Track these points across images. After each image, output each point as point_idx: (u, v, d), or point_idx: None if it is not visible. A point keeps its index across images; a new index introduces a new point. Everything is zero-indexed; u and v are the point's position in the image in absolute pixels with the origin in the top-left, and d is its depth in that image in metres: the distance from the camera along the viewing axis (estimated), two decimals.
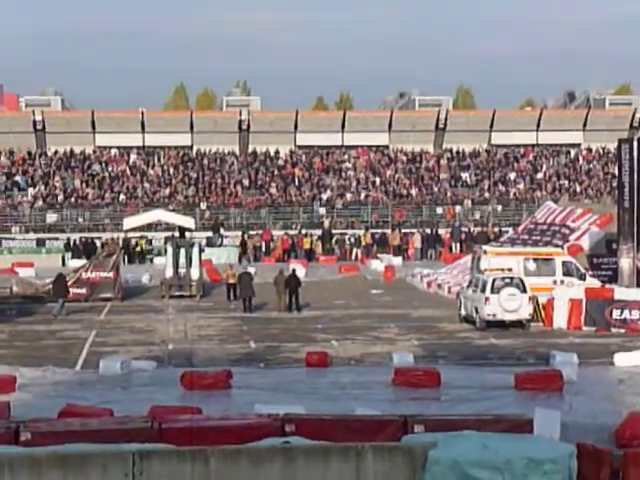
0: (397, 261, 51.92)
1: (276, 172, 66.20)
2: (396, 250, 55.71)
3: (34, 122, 67.98)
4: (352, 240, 57.66)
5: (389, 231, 58.56)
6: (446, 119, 69.73)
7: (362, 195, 64.02)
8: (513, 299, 31.03)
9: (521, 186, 65.78)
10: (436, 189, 65.15)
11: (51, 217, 60.23)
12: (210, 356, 27.23)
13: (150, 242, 56.01)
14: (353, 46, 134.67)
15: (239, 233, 57.38)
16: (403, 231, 58.25)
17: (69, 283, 39.10)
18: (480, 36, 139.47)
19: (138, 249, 55.61)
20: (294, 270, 37.74)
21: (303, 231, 58.17)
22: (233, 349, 28.44)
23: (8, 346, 29.16)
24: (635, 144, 32.79)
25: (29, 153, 66.83)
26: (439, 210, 62.53)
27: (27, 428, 16.11)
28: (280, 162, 67.38)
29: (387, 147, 69.29)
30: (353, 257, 56.15)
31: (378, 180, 65.75)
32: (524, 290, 31.27)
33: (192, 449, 14.91)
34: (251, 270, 38.70)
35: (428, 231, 58.01)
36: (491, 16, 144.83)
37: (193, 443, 15.59)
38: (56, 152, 66.87)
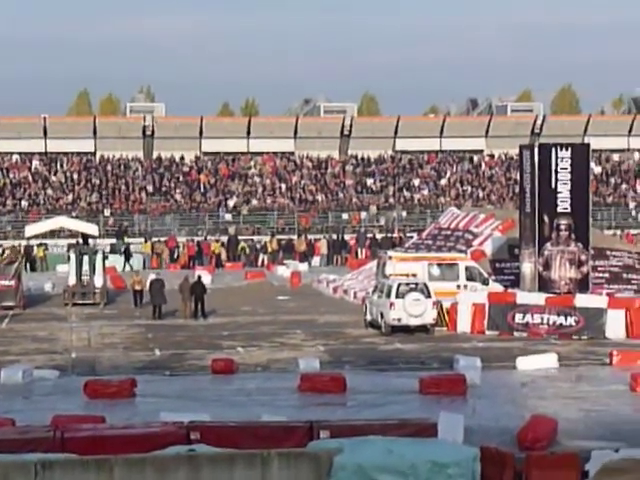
0: (303, 267, 52.02)
1: (181, 178, 65.83)
2: (302, 256, 55.81)
3: None
4: (258, 246, 57.59)
5: (295, 237, 58.66)
6: (351, 125, 70.10)
7: (268, 201, 64.03)
8: (418, 304, 31.33)
9: (425, 192, 66.51)
10: (342, 195, 65.49)
11: None
12: (114, 364, 26.96)
13: (46, 248, 55.01)
14: (258, 52, 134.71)
15: (142, 240, 56.87)
16: (309, 237, 58.40)
17: None
18: (384, 43, 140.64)
19: (40, 255, 54.70)
20: (199, 277, 37.52)
21: (209, 237, 57.91)
22: (138, 357, 28.17)
23: None
24: (536, 150, 33.39)
25: None
26: (345, 216, 62.86)
27: None
28: (185, 168, 67.01)
29: (293, 153, 69.39)
30: (259, 263, 56.07)
31: (284, 186, 65.83)
32: (428, 295, 31.60)
33: (96, 458, 14.76)
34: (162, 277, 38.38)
35: (334, 237, 58.27)
36: (396, 23, 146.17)
37: (97, 452, 15.40)
38: None
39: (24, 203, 61.41)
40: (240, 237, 58.22)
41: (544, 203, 32.81)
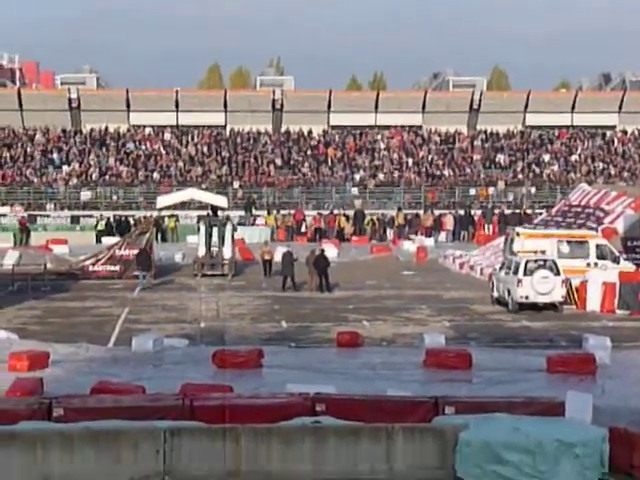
0: (429, 242, 51.71)
1: (309, 152, 66.08)
2: (428, 231, 55.49)
3: (69, 100, 68.20)
4: (385, 221, 57.48)
5: (422, 212, 58.33)
6: (480, 100, 69.25)
7: (395, 175, 63.79)
8: (546, 282, 30.81)
9: (555, 168, 65.27)
10: (469, 170, 64.80)
11: (85, 195, 60.46)
12: (242, 335, 27.27)
13: (177, 219, 55.92)
14: (387, 26, 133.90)
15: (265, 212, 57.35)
16: (436, 212, 58.01)
17: (102, 261, 39.35)
18: (515, 17, 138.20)
19: (171, 226, 55.70)
20: (322, 250, 37.66)
21: (336, 211, 58.06)
22: (265, 328, 28.45)
23: (42, 322, 29.36)
24: None
25: (64, 131, 67.09)
26: (472, 191, 62.17)
27: (60, 404, 16.20)
28: (313, 142, 67.23)
29: (420, 127, 68.95)
30: (386, 238, 55.94)
31: (411, 161, 65.47)
32: (557, 273, 31.04)
33: (223, 427, 14.95)
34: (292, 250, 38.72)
35: (461, 212, 57.74)
36: None
37: (224, 421, 15.62)
38: (91, 130, 67.09)
39: (156, 175, 62.55)
40: (366, 211, 58.20)
41: None
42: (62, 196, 60.43)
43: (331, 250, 41.54)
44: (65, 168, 62.98)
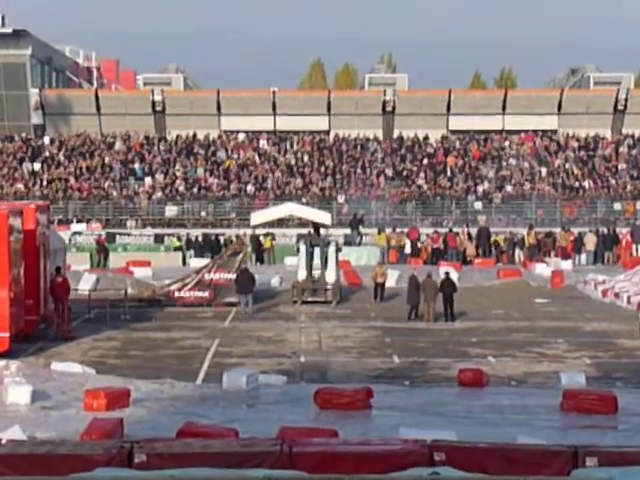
0: (566, 265, 51.19)
1: (425, 160, 66.03)
2: (565, 253, 54.88)
3: (153, 103, 69.48)
4: (514, 240, 57.06)
5: (557, 230, 57.74)
6: (626, 100, 68.45)
7: (526, 187, 63.32)
8: None
9: None
10: (614, 181, 63.98)
11: (171, 210, 61.32)
12: (347, 371, 27.32)
13: (273, 238, 56.20)
14: (515, 13, 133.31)
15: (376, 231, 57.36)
16: (574, 230, 57.36)
17: (189, 286, 39.84)
18: None
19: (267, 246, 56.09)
20: (447, 274, 37.65)
21: (456, 228, 57.85)
22: (374, 364, 28.45)
23: (122, 355, 29.83)
24: None
25: (147, 138, 68.33)
26: (617, 206, 61.41)
27: (142, 449, 16.41)
28: (430, 149, 67.19)
29: (556, 132, 68.43)
30: (515, 260, 55.53)
31: (544, 170, 64.95)
32: None
33: (327, 477, 14.97)
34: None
35: (604, 230, 56.99)
36: None
37: (328, 470, 15.64)
38: (177, 137, 68.14)
39: (250, 187, 63.18)
40: (492, 229, 57.84)
41: None
42: (144, 212, 61.46)
43: (452, 273, 41.38)
44: (148, 180, 64.06)
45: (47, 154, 66.35)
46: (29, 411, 21.77)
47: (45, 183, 63.18)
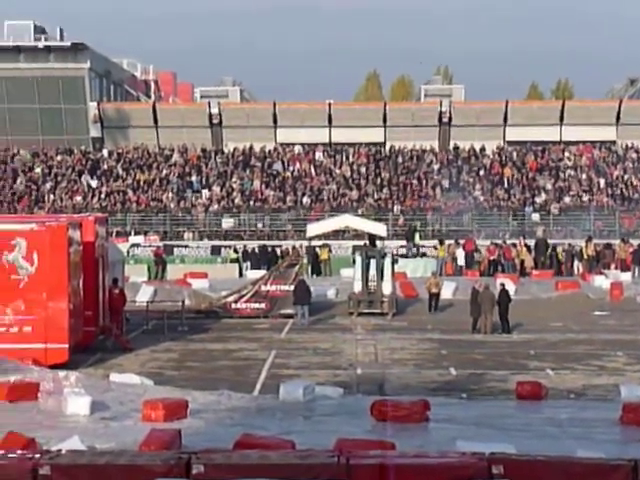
0: (626, 277, 50.73)
1: (481, 172, 65.79)
2: (625, 265, 54.38)
3: (210, 115, 69.84)
4: (573, 252, 56.64)
5: (617, 242, 57.22)
6: None
7: (584, 199, 62.86)
8: None
9: None
10: None
11: (227, 222, 61.59)
12: (404, 383, 27.29)
13: (329, 250, 56.09)
14: (573, 24, 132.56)
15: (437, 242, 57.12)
16: (633, 242, 56.83)
17: (246, 297, 39.99)
18: None
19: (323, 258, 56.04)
20: (503, 285, 37.54)
21: (513, 240, 57.51)
22: (430, 376, 28.39)
23: (179, 367, 30.00)
24: None
25: (204, 150, 68.68)
26: None
27: (200, 460, 16.45)
28: (486, 160, 66.93)
29: (614, 143, 67.86)
30: (574, 272, 55.11)
31: (603, 181, 64.43)
32: None
33: None
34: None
35: None
36: None
37: None
38: (234, 149, 68.44)
39: (306, 199, 63.29)
40: (550, 241, 57.47)
41: None
42: (201, 224, 61.75)
43: (509, 285, 41.26)
44: (205, 192, 64.39)
45: (105, 167, 66.91)
46: (88, 422, 21.90)
47: (104, 196, 63.73)
